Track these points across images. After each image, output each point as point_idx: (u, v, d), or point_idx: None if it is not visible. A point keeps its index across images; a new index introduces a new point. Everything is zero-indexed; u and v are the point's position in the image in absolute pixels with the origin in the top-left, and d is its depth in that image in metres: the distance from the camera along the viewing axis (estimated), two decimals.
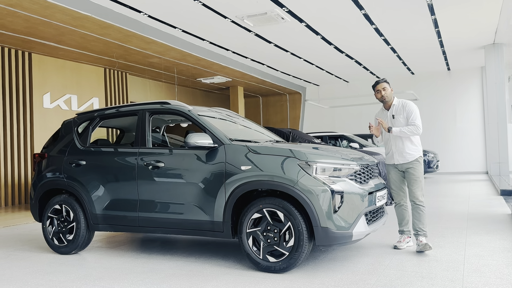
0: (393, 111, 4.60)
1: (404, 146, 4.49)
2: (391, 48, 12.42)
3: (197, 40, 10.75)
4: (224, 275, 3.76)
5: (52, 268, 4.23)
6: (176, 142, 6.12)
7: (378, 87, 4.61)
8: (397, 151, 4.53)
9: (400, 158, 4.52)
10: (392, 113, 4.61)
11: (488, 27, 10.82)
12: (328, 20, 9.65)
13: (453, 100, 16.42)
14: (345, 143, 12.59)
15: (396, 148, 4.53)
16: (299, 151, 3.82)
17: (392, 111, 4.61)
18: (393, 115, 4.59)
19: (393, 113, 4.60)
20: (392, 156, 4.59)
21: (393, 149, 4.56)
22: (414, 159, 4.48)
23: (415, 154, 4.49)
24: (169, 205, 4.28)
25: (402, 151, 4.49)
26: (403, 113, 4.52)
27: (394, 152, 4.56)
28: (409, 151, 4.48)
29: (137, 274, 3.90)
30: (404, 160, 4.50)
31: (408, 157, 4.48)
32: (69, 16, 7.89)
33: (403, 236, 4.60)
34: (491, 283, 3.30)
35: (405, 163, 4.50)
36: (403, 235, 4.60)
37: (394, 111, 4.59)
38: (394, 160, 4.56)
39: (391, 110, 4.62)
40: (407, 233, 4.59)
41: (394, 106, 4.61)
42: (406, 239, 4.56)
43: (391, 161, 4.62)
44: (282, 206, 3.70)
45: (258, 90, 18.03)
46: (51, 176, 4.98)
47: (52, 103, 10.81)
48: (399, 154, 4.52)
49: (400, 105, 4.58)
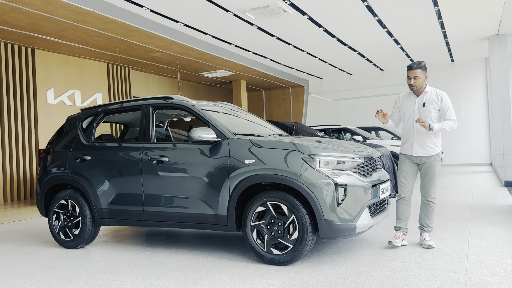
0: (424, 98, 4.24)
1: (428, 139, 4.22)
2: (394, 40, 12.36)
3: (199, 34, 10.74)
4: (229, 267, 3.80)
5: (59, 262, 4.28)
6: (180, 136, 6.14)
7: (409, 73, 4.23)
8: (419, 143, 4.24)
9: (420, 150, 4.24)
10: (423, 100, 4.25)
11: (492, 18, 10.75)
12: (330, 13, 9.61)
13: (456, 91, 16.35)
14: (349, 136, 12.58)
15: (418, 139, 4.24)
16: (302, 145, 3.83)
17: (423, 98, 4.25)
18: (424, 103, 4.23)
19: (424, 100, 4.24)
20: (411, 146, 4.29)
21: (414, 139, 4.26)
22: (435, 154, 4.23)
23: (437, 149, 4.24)
24: (173, 199, 4.31)
25: (424, 143, 4.22)
26: (437, 104, 4.20)
27: (414, 142, 4.25)
28: (431, 144, 4.23)
29: (143, 267, 3.94)
30: (424, 153, 4.23)
31: (430, 151, 4.22)
32: (71, 12, 7.90)
33: (398, 233, 4.30)
34: (495, 274, 3.32)
35: (424, 157, 4.24)
36: (399, 232, 4.31)
37: (425, 99, 4.24)
38: (413, 151, 4.27)
39: (422, 97, 4.26)
40: (403, 230, 4.32)
41: (426, 94, 4.25)
42: (402, 236, 4.28)
43: (409, 151, 4.31)
44: (286, 199, 3.72)
45: (261, 84, 18.01)
46: (57, 171, 5.02)
47: (55, 99, 10.86)
48: (420, 146, 4.23)
49: (433, 95, 4.23)
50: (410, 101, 4.35)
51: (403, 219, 4.33)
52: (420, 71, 4.20)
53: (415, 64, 4.22)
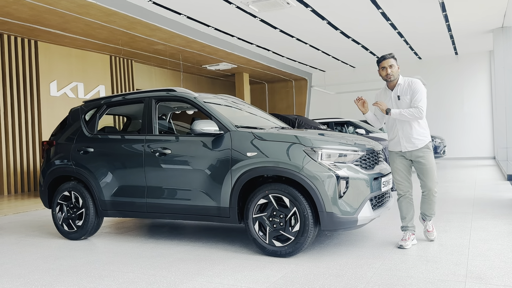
0: (398, 91, 4.07)
1: (412, 131, 4.01)
2: (398, 33, 12.29)
3: (202, 27, 10.70)
4: (231, 259, 3.83)
5: (62, 253, 4.32)
6: (182, 129, 6.15)
7: (383, 63, 4.05)
8: (404, 137, 4.04)
9: (408, 145, 4.04)
10: (396, 93, 4.08)
11: (497, 10, 10.66)
12: (334, 5, 9.56)
13: (460, 85, 16.28)
14: (351, 129, 12.56)
15: (403, 133, 4.04)
16: (305, 137, 3.84)
17: (397, 91, 4.08)
18: (398, 95, 4.06)
19: (398, 93, 4.07)
20: (398, 142, 4.10)
21: (399, 134, 4.07)
22: (424, 145, 4.02)
23: (425, 140, 4.03)
24: (176, 191, 4.33)
25: (410, 136, 4.02)
26: (409, 92, 4.01)
27: (400, 137, 4.06)
28: (418, 136, 4.01)
29: (145, 258, 3.97)
30: (413, 147, 4.02)
31: (418, 143, 4.01)
32: (74, 4, 7.89)
33: (407, 233, 4.09)
34: (496, 266, 3.33)
35: (414, 150, 4.03)
36: (407, 232, 4.10)
37: (399, 91, 4.07)
38: (401, 147, 4.08)
39: (396, 90, 4.09)
40: (411, 229, 4.10)
41: (399, 86, 4.08)
42: (411, 237, 4.07)
43: (397, 148, 4.13)
44: (288, 192, 3.73)
45: (264, 77, 17.96)
46: (60, 163, 5.05)
47: (59, 91, 10.88)
48: (406, 140, 4.04)
49: (406, 84, 4.06)
50: (386, 96, 4.20)
51: (408, 218, 4.13)
52: (394, 60, 4.07)
53: (388, 54, 4.09)
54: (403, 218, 4.19)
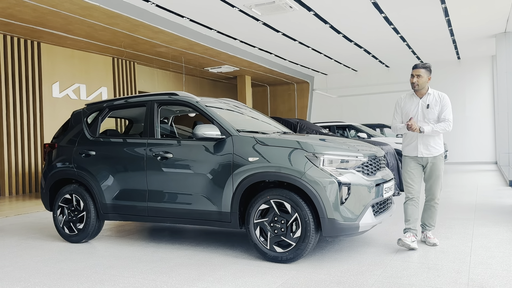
0: (427, 100, 4.26)
1: (430, 139, 4.23)
2: (400, 37, 12.29)
3: (204, 30, 10.72)
4: (231, 264, 3.82)
5: (63, 256, 4.31)
6: (184, 132, 6.15)
7: (413, 72, 4.24)
8: (423, 143, 4.24)
9: (425, 151, 4.24)
10: (426, 102, 4.25)
11: (500, 15, 10.66)
12: (336, 9, 9.57)
13: (462, 89, 16.26)
14: (353, 133, 12.54)
15: (422, 139, 4.24)
16: (307, 143, 3.83)
17: (426, 100, 4.26)
18: (428, 104, 4.24)
19: (427, 102, 4.25)
20: (415, 147, 4.28)
21: (418, 140, 4.25)
22: (438, 154, 4.25)
23: (440, 149, 4.27)
24: (177, 195, 4.32)
25: (428, 144, 4.23)
26: (439, 104, 4.23)
27: (419, 143, 4.25)
28: (435, 145, 4.24)
29: (146, 263, 3.97)
30: (429, 154, 4.23)
31: (434, 152, 4.24)
32: (77, 6, 7.91)
33: (408, 233, 4.18)
34: (497, 275, 3.31)
35: (429, 157, 4.24)
36: (408, 233, 4.19)
37: (429, 100, 4.25)
38: (418, 152, 4.25)
39: (425, 99, 4.26)
40: (413, 232, 4.21)
41: (429, 95, 4.27)
42: (412, 238, 4.14)
43: (413, 153, 4.29)
44: (289, 198, 3.72)
45: (266, 80, 17.97)
46: (61, 166, 5.05)
47: (61, 93, 10.90)
48: (424, 147, 4.24)
49: (436, 95, 4.26)
50: (413, 103, 4.32)
51: (412, 221, 4.23)
52: (424, 71, 4.21)
53: (420, 64, 4.25)
54: (407, 220, 4.27)
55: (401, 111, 4.40)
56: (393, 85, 16.64)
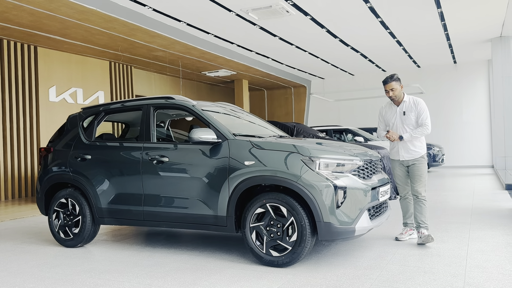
0: (403, 107, 4.60)
1: (410, 144, 4.56)
2: (397, 41, 12.34)
3: (201, 34, 10.74)
4: (227, 268, 3.80)
5: (58, 261, 4.29)
6: (181, 136, 6.15)
7: (386, 87, 4.60)
8: (403, 148, 4.59)
9: (406, 155, 4.59)
10: (402, 109, 4.60)
11: (495, 20, 10.71)
12: (333, 13, 9.60)
13: (459, 93, 16.32)
14: (350, 136, 12.57)
15: (402, 144, 4.60)
16: (303, 147, 3.83)
17: (402, 107, 4.61)
18: (404, 111, 4.59)
19: (404, 109, 4.59)
20: (397, 152, 4.65)
21: (398, 145, 4.63)
22: (419, 156, 4.56)
23: (421, 152, 4.56)
24: (173, 199, 4.31)
25: (408, 148, 4.57)
26: (415, 110, 4.54)
27: (400, 148, 4.62)
28: (415, 148, 4.56)
29: (142, 267, 3.95)
30: (409, 157, 4.58)
31: (414, 154, 4.56)
32: (73, 10, 7.91)
33: (406, 228, 4.73)
34: (493, 278, 3.31)
35: (410, 160, 4.58)
36: (406, 227, 4.73)
37: (405, 107, 4.59)
38: (400, 156, 4.63)
39: (402, 106, 4.62)
40: (410, 225, 4.71)
41: (404, 103, 4.61)
42: (409, 231, 4.69)
43: (396, 157, 4.68)
44: (285, 201, 3.72)
45: (263, 83, 18.00)
46: (57, 170, 5.03)
47: (57, 97, 10.87)
48: (405, 151, 4.58)
49: (411, 102, 4.58)
50: (392, 111, 4.70)
51: (408, 215, 4.72)
52: (395, 83, 4.56)
53: (389, 78, 4.57)
54: (404, 215, 4.78)
55: (383, 119, 4.80)
56: None
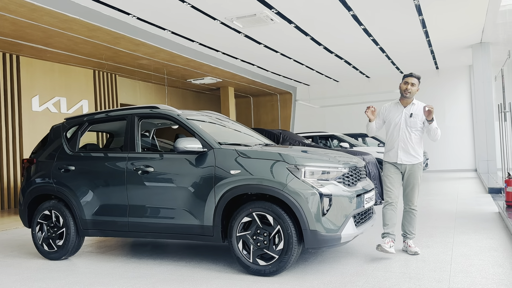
0: (411, 109, 4.38)
1: (411, 147, 4.33)
2: (379, 48, 12.51)
3: (186, 42, 10.74)
4: (214, 279, 3.78)
5: (41, 274, 4.21)
6: (166, 145, 6.11)
7: (407, 79, 4.36)
8: (403, 150, 4.34)
9: (405, 158, 4.33)
10: (410, 111, 4.37)
11: (475, 27, 10.96)
12: (317, 21, 9.70)
13: (441, 98, 16.59)
14: (336, 142, 12.66)
15: (403, 145, 4.34)
16: (288, 155, 3.85)
17: (410, 109, 4.38)
18: (411, 113, 4.36)
19: (411, 111, 4.37)
20: (395, 153, 4.37)
21: (399, 147, 4.35)
22: (417, 162, 4.36)
23: (419, 158, 4.37)
24: (159, 209, 4.28)
25: (408, 151, 4.33)
26: (423, 116, 4.32)
27: (399, 149, 4.34)
28: (415, 153, 4.34)
29: (128, 279, 3.90)
30: (408, 161, 4.34)
31: (413, 160, 4.35)
32: (56, 19, 7.84)
33: (386, 239, 4.24)
34: (477, 283, 3.36)
35: (408, 165, 4.35)
36: (386, 239, 4.25)
37: (413, 110, 4.37)
38: (398, 158, 4.35)
39: (409, 108, 4.39)
40: (391, 236, 4.26)
41: (413, 106, 4.40)
42: (390, 243, 4.20)
43: (393, 159, 4.39)
44: (272, 210, 3.72)
45: (249, 90, 18.04)
46: (40, 181, 4.95)
47: (41, 106, 10.72)
48: (404, 154, 4.33)
49: (420, 107, 4.36)
50: (397, 111, 4.46)
51: (390, 225, 4.30)
52: (417, 80, 4.41)
53: (414, 73, 4.42)
54: (385, 225, 4.34)
55: (383, 117, 4.55)
56: (373, 95, 16.88)
